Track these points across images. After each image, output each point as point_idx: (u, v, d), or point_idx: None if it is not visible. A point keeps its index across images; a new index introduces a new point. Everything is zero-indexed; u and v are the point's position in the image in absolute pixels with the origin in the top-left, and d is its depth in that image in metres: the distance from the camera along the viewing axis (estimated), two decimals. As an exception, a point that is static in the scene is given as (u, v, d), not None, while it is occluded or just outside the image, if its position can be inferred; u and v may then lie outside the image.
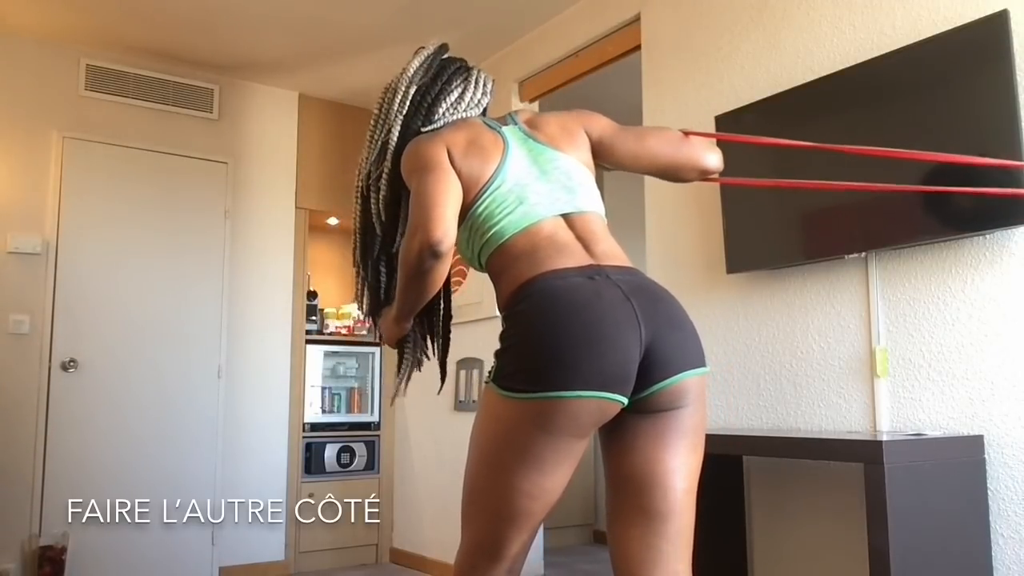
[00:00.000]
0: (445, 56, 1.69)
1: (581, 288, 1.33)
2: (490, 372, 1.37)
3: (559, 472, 1.33)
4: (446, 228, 1.39)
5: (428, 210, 1.40)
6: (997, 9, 2.08)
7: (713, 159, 1.62)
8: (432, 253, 1.37)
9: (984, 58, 2.09)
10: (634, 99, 3.32)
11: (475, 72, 1.70)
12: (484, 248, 1.47)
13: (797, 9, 2.67)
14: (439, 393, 1.79)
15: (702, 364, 1.38)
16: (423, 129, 1.59)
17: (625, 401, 1.30)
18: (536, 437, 1.29)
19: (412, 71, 1.62)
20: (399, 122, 1.58)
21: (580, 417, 1.28)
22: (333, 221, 5.10)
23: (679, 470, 1.35)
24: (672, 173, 1.64)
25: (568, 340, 1.27)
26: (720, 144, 1.68)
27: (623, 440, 1.37)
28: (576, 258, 1.39)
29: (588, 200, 1.51)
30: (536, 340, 1.30)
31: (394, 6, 3.63)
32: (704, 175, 1.64)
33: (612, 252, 1.44)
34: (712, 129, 2.79)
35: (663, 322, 1.33)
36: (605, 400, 1.28)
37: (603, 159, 1.63)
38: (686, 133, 1.64)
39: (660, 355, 1.31)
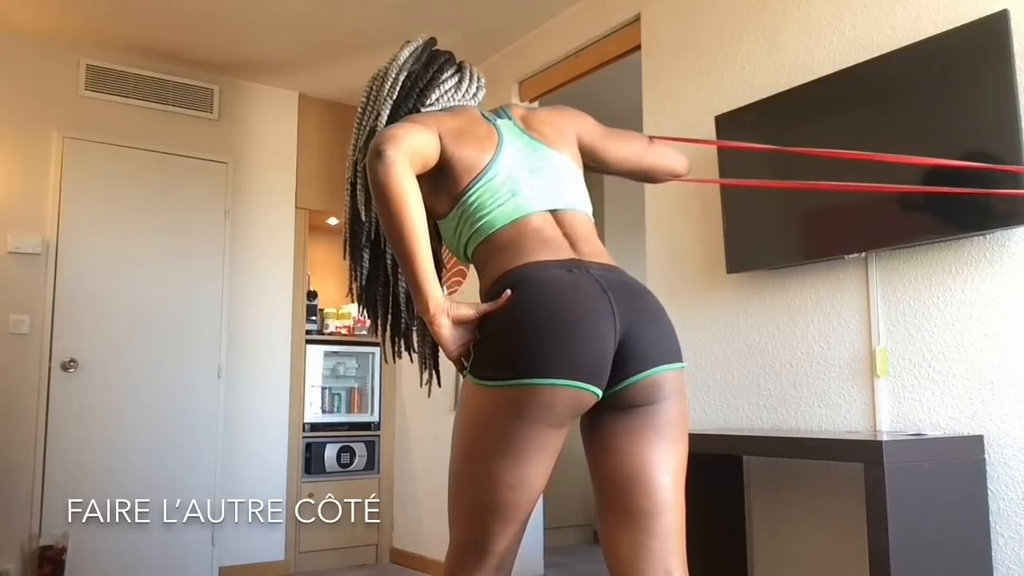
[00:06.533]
0: (434, 48, 1.69)
1: (559, 279, 1.33)
2: (469, 365, 1.36)
3: (537, 463, 1.31)
4: (395, 135, 1.33)
5: (386, 129, 1.37)
6: (997, 9, 2.08)
7: (683, 162, 1.79)
8: (376, 156, 1.29)
9: (984, 58, 2.09)
10: (634, 99, 3.32)
11: (467, 65, 1.70)
12: (472, 238, 1.46)
13: (797, 9, 2.67)
14: (421, 387, 1.70)
15: (678, 359, 1.37)
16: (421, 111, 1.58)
17: (600, 393, 1.29)
18: (513, 425, 1.28)
19: (402, 59, 1.61)
20: (388, 105, 1.57)
21: (555, 406, 1.27)
22: (333, 221, 5.10)
23: (660, 465, 1.33)
24: (648, 175, 1.78)
25: (543, 328, 1.27)
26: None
27: (602, 439, 1.36)
28: (559, 252, 1.39)
29: (577, 199, 1.52)
30: (512, 329, 1.29)
31: (394, 6, 3.63)
32: (675, 177, 1.79)
33: (596, 250, 1.44)
34: (712, 129, 2.80)
35: (639, 316, 1.33)
36: (579, 390, 1.27)
37: (588, 160, 1.66)
38: (651, 138, 1.78)
39: (635, 349, 1.30)
